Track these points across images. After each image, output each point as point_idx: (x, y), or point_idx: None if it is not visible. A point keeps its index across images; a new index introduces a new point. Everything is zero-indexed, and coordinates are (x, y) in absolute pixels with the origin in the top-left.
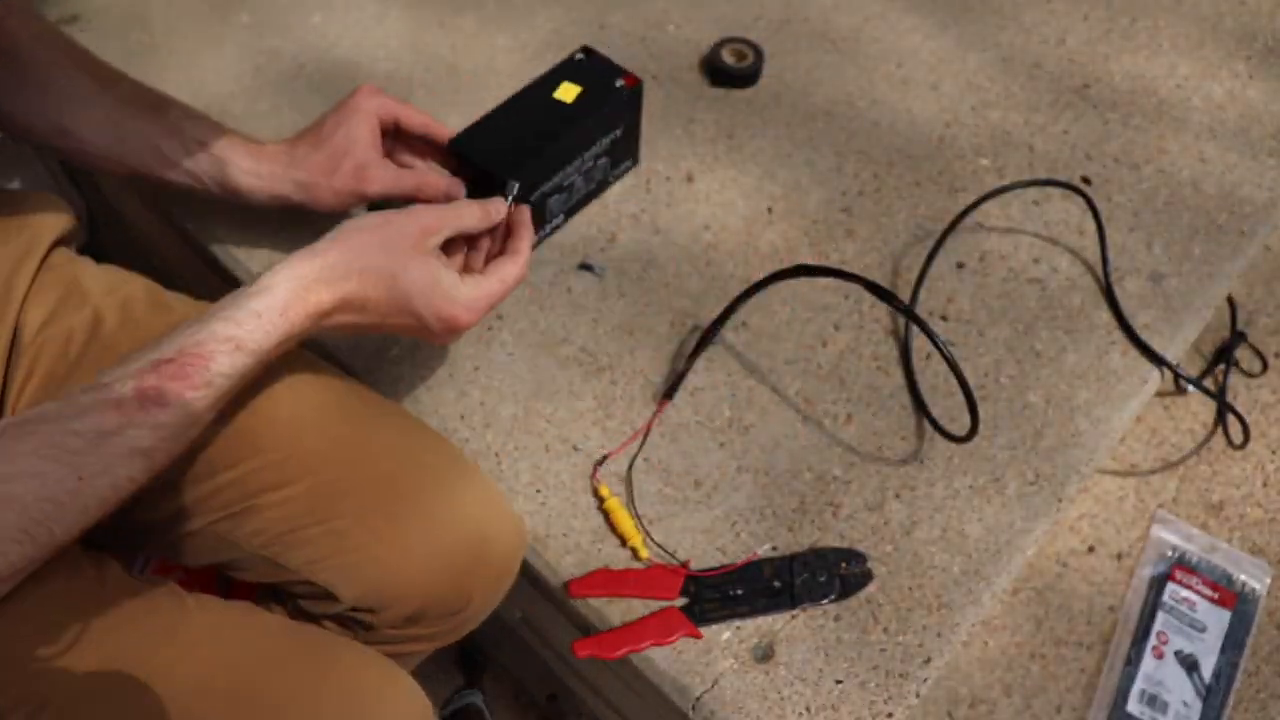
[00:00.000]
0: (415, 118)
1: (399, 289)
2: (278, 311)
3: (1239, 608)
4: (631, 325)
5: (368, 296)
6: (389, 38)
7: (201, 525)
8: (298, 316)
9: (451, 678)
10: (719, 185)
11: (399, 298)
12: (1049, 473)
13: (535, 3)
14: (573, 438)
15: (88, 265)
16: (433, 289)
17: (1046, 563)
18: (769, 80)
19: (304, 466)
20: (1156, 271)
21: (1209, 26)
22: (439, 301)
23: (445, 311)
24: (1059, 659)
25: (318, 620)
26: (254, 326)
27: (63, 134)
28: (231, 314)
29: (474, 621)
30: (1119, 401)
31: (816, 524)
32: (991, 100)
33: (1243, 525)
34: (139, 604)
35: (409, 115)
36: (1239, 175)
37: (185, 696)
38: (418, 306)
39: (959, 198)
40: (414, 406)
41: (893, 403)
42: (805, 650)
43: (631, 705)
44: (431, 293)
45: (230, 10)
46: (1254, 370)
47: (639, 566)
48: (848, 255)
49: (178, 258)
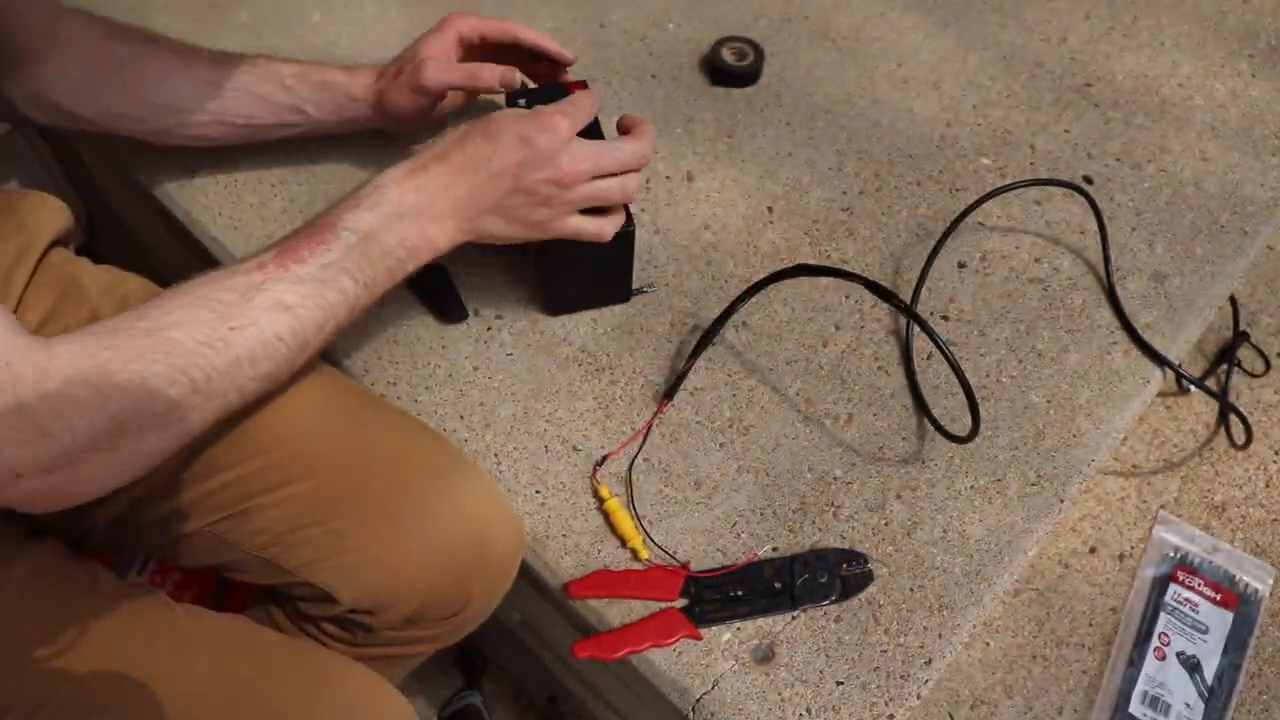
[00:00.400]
0: (497, 27)
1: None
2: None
3: (1241, 609)
4: (631, 325)
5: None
6: (388, 36)
7: (200, 526)
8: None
9: (451, 679)
10: (719, 185)
11: (488, 125)
12: (1050, 473)
13: (535, 1)
14: (573, 438)
15: (86, 265)
16: (516, 113)
17: (1048, 563)
18: (769, 79)
19: (303, 467)
20: (1158, 271)
21: (1211, 25)
22: (528, 116)
23: (537, 120)
24: (1060, 660)
25: (316, 622)
26: (369, 191)
27: (172, 111)
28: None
29: (473, 623)
30: (1121, 402)
31: (817, 525)
32: (993, 99)
33: (1245, 526)
34: (131, 612)
35: (492, 27)
36: (1241, 174)
37: (175, 705)
38: (506, 124)
39: (960, 197)
40: (414, 406)
41: (894, 403)
42: (806, 651)
43: (631, 707)
44: (518, 110)
45: (229, 9)
46: (1257, 370)
47: (639, 567)
48: (848, 255)
49: (176, 258)
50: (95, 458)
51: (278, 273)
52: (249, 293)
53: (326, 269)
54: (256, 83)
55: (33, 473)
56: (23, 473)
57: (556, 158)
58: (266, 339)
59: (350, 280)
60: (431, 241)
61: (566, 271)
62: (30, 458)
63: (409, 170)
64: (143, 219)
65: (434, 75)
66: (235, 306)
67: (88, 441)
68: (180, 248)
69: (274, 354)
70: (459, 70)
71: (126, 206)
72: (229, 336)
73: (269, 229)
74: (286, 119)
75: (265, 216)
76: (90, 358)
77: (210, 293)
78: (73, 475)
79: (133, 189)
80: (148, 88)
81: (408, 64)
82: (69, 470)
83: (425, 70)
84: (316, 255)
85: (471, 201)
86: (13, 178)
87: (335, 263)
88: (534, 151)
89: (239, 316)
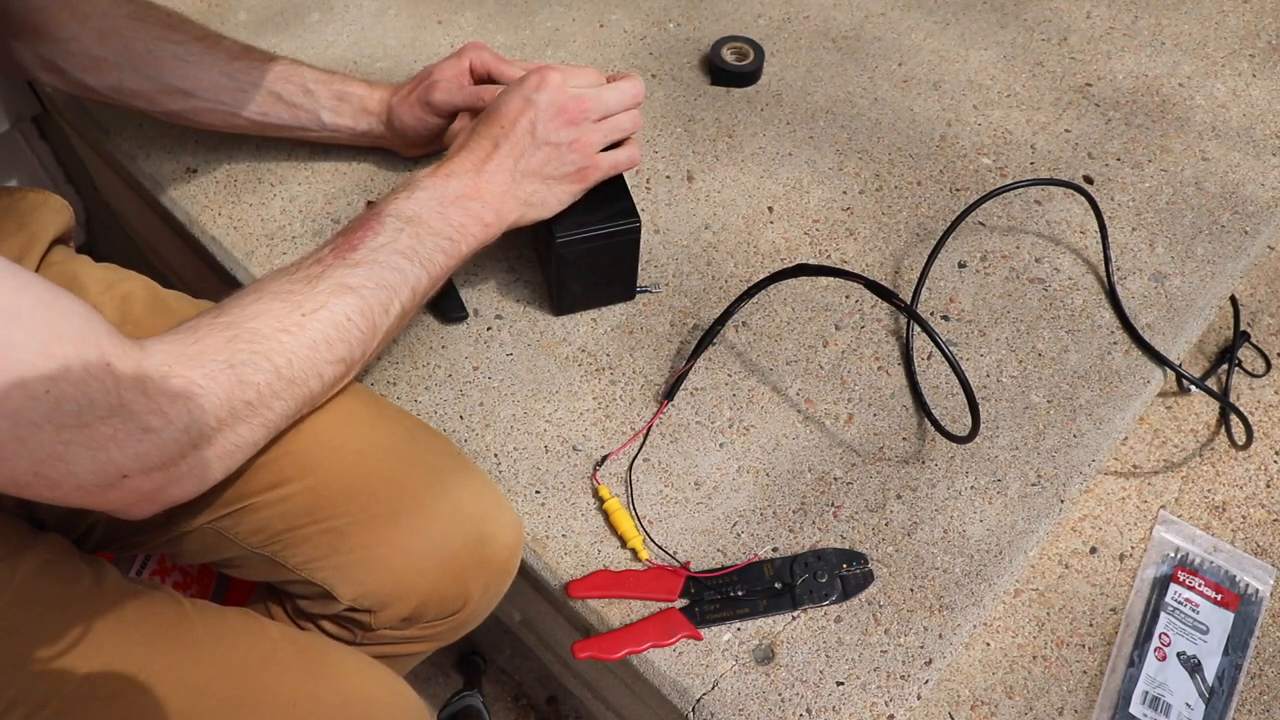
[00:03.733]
0: (509, 71)
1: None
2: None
3: (1242, 609)
4: (631, 325)
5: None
6: (387, 35)
7: (200, 523)
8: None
9: (451, 680)
10: (719, 184)
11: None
12: (1051, 473)
13: (536, 2)
14: (573, 438)
15: (86, 263)
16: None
17: (1048, 564)
18: (770, 79)
19: (302, 466)
20: (1159, 271)
21: (1212, 25)
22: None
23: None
24: (1061, 660)
25: (316, 621)
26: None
27: (185, 96)
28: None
29: (473, 622)
30: (1121, 402)
31: (817, 525)
32: (993, 99)
33: (1246, 526)
34: (136, 608)
35: (503, 71)
36: (1242, 174)
37: (182, 700)
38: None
39: (960, 197)
40: (414, 406)
41: (894, 403)
42: (806, 652)
43: (631, 707)
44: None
45: (228, 8)
46: (1257, 370)
47: (639, 568)
48: (849, 255)
49: (176, 258)
50: (194, 454)
51: (335, 262)
52: (313, 281)
53: (378, 251)
54: (276, 82)
55: (137, 472)
56: (129, 472)
57: (561, 104)
58: (338, 320)
59: (404, 260)
60: (479, 217)
61: (574, 270)
62: (135, 456)
63: (436, 165)
64: (143, 219)
65: (442, 95)
66: (303, 294)
67: (186, 435)
68: (180, 247)
69: (347, 335)
70: (466, 92)
71: (126, 206)
72: (303, 321)
73: (269, 229)
74: (301, 121)
75: (265, 216)
76: (181, 352)
77: (278, 287)
78: (175, 474)
79: (133, 189)
80: (164, 72)
81: (420, 83)
82: (171, 469)
83: (435, 90)
84: (367, 241)
85: (502, 172)
86: (13, 177)
87: (386, 245)
88: (537, 107)
89: (309, 302)
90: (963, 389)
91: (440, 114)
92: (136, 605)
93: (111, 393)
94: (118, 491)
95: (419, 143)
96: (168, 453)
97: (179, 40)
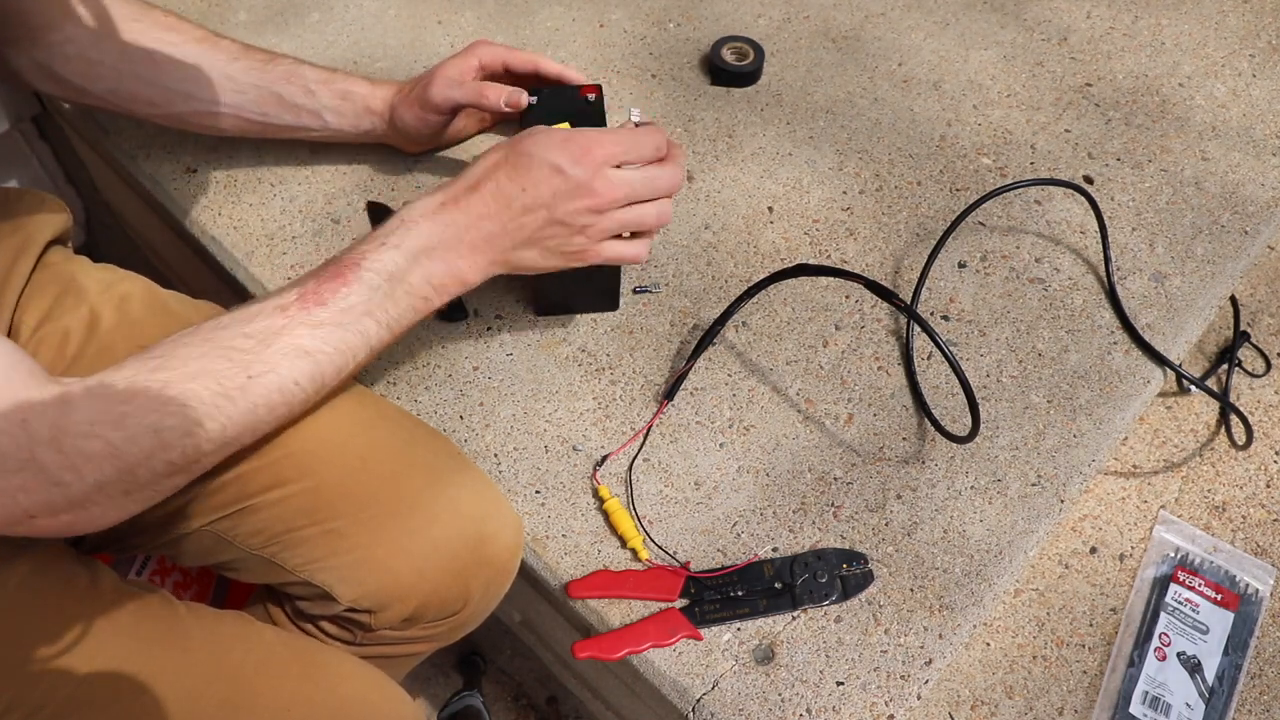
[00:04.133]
0: (521, 57)
1: (515, 150)
2: (418, 212)
3: (1242, 609)
4: (631, 325)
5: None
6: (387, 35)
7: (199, 525)
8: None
9: (451, 680)
10: (719, 184)
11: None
12: (1051, 473)
13: (536, 2)
14: (572, 438)
15: (84, 264)
16: (550, 133)
17: (1048, 564)
18: (770, 79)
19: (302, 467)
20: (1159, 271)
21: (1212, 25)
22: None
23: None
24: (1061, 660)
25: (315, 622)
26: (395, 225)
27: (185, 99)
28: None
29: (473, 622)
30: (1121, 402)
31: (817, 525)
32: (993, 99)
33: (1246, 526)
34: (132, 610)
35: (515, 57)
36: (1242, 174)
37: (177, 704)
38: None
39: (960, 197)
40: (414, 406)
41: (894, 403)
42: (806, 652)
43: (631, 707)
44: (550, 135)
45: (228, 8)
46: (1257, 370)
47: (639, 568)
48: (849, 255)
49: (176, 258)
50: (107, 500)
51: (299, 315)
52: (269, 338)
53: (347, 312)
54: (277, 83)
55: (45, 514)
56: (35, 514)
57: (592, 186)
58: (284, 385)
59: (372, 321)
60: (460, 276)
61: (554, 279)
62: (43, 503)
63: (439, 203)
64: (143, 219)
65: (440, 91)
66: (254, 354)
67: (100, 490)
68: (180, 247)
69: (290, 399)
70: (465, 88)
71: (126, 206)
72: (247, 385)
73: (269, 229)
74: (304, 121)
75: (265, 216)
76: (105, 411)
77: (229, 340)
78: (85, 515)
79: (133, 189)
80: (163, 74)
81: (421, 81)
82: (81, 511)
83: (432, 86)
84: (338, 298)
85: (505, 235)
86: (12, 177)
87: (356, 305)
88: (568, 182)
89: (258, 364)
90: (963, 389)
91: (440, 112)
92: (132, 608)
93: (24, 448)
94: (25, 527)
95: (421, 141)
96: (77, 502)
97: (178, 43)
